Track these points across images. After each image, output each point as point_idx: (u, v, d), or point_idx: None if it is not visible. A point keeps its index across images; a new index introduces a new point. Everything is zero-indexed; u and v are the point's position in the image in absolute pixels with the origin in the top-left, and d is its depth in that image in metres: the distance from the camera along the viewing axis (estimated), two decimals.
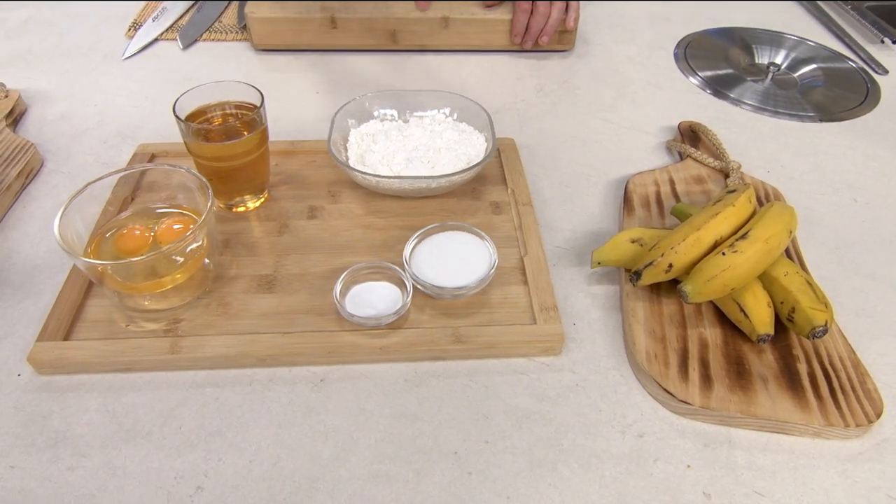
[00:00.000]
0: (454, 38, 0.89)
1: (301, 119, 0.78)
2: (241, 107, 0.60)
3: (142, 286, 0.51)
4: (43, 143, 0.73)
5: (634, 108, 0.83)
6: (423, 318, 0.53)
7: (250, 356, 0.50)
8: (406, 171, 0.61)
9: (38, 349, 0.49)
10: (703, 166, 0.70)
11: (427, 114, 0.69)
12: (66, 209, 0.49)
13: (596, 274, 0.60)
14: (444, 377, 0.50)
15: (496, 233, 0.60)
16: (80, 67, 0.87)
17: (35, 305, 0.55)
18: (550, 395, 0.50)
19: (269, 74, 0.87)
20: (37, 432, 0.46)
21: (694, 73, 0.90)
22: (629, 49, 0.96)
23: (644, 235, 0.57)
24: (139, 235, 0.53)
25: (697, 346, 0.52)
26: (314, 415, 0.47)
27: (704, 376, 0.49)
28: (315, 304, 0.54)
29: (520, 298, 0.55)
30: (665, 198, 0.66)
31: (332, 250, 0.59)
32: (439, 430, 0.47)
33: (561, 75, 0.89)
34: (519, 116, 0.80)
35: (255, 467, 0.44)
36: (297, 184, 0.66)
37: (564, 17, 0.87)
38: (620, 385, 0.51)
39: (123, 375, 0.50)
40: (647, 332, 0.52)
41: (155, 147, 0.70)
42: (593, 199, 0.68)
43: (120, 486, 0.43)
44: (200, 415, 0.47)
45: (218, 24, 0.97)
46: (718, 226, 0.52)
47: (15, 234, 0.62)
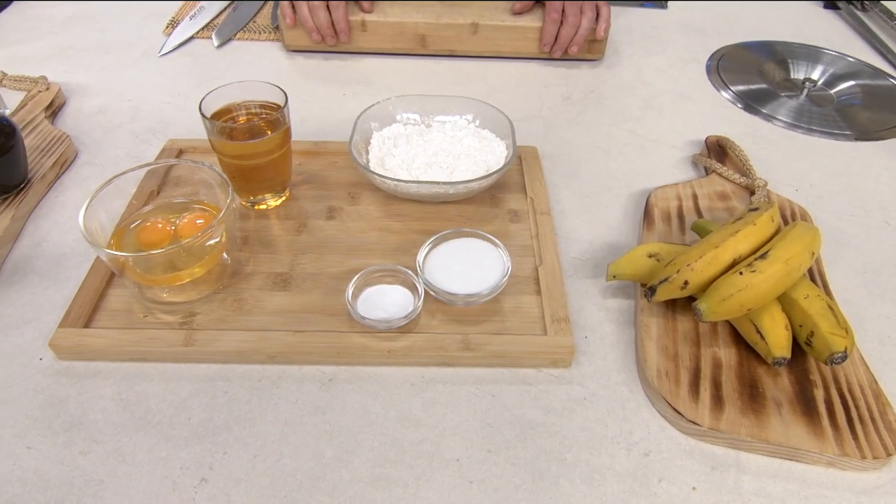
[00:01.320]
0: (483, 44, 0.89)
1: (327, 120, 0.79)
2: (266, 106, 0.62)
3: (161, 279, 0.52)
4: (78, 136, 0.75)
5: (662, 121, 0.82)
6: (433, 323, 0.53)
7: (261, 353, 0.50)
8: (425, 175, 0.61)
9: (60, 335, 0.51)
10: (729, 182, 0.69)
11: (449, 119, 0.69)
12: (91, 201, 0.51)
13: (611, 287, 0.59)
14: (450, 383, 0.50)
15: (512, 241, 0.60)
16: (119, 63, 0.90)
17: (60, 293, 0.56)
18: (557, 407, 0.49)
19: (299, 75, 0.88)
20: (54, 415, 0.47)
21: (726, 87, 0.89)
22: (660, 60, 0.95)
23: (661, 250, 0.56)
24: (161, 229, 0.55)
25: (710, 366, 0.51)
26: (320, 414, 0.48)
27: (716, 397, 0.48)
28: (328, 304, 0.54)
29: (532, 308, 0.55)
30: (687, 213, 0.65)
31: (348, 251, 0.59)
32: (443, 436, 0.47)
33: (589, 84, 0.88)
34: (544, 124, 0.80)
35: (259, 462, 0.45)
36: (319, 184, 0.67)
37: (594, 27, 0.87)
38: (629, 401, 0.50)
39: (138, 365, 0.51)
40: (659, 349, 0.52)
41: (183, 143, 0.72)
42: (613, 211, 0.67)
43: (128, 473, 0.44)
44: (209, 408, 0.48)
45: (252, 23, 0.99)
46: (738, 244, 0.51)
47: (45, 222, 0.64)
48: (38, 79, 0.81)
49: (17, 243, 0.61)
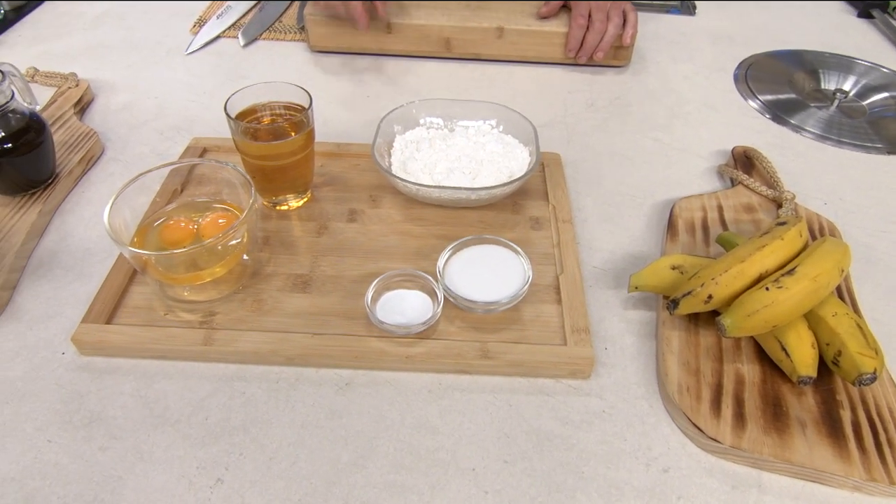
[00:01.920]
0: (508, 48, 0.89)
1: (350, 122, 0.79)
2: (290, 107, 0.62)
3: (182, 277, 0.53)
4: (105, 132, 0.76)
5: (687, 130, 0.81)
6: (451, 329, 0.53)
7: (279, 354, 0.51)
8: (447, 181, 0.61)
9: (82, 330, 0.51)
10: (755, 194, 0.68)
11: (472, 124, 0.69)
12: (116, 199, 0.51)
13: (632, 298, 0.58)
14: (467, 391, 0.50)
15: (533, 249, 0.60)
16: (146, 60, 0.91)
17: (83, 288, 0.57)
18: (575, 419, 0.49)
19: (323, 76, 0.88)
20: (74, 410, 0.48)
21: (754, 97, 0.87)
22: (687, 68, 0.93)
23: (685, 263, 0.55)
24: (183, 228, 0.55)
25: (733, 383, 0.50)
26: (336, 418, 0.48)
27: (738, 414, 0.47)
28: (347, 307, 0.54)
29: (552, 318, 0.54)
30: (712, 224, 0.64)
31: (368, 255, 0.59)
32: (459, 444, 0.47)
33: (614, 91, 0.87)
34: (567, 131, 0.79)
35: (275, 465, 0.45)
36: (341, 186, 0.67)
37: (621, 33, 0.86)
38: (649, 416, 0.49)
39: (158, 362, 0.51)
40: (680, 364, 0.51)
41: (207, 141, 0.72)
42: (636, 221, 0.66)
43: (146, 470, 0.44)
44: (227, 408, 0.48)
45: (278, 23, 1.00)
46: (764, 259, 0.50)
47: (71, 217, 0.65)
48: (68, 75, 0.82)
49: (44, 238, 0.62)
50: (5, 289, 0.55)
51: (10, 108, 0.59)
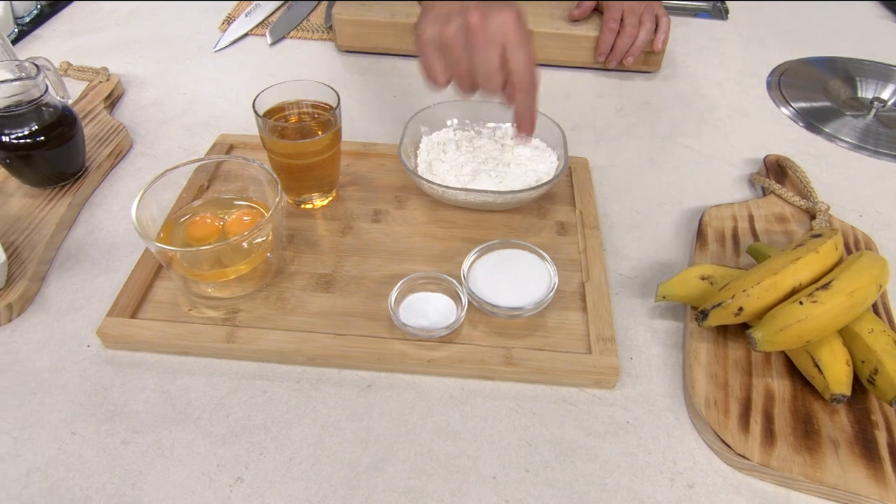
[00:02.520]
0: (536, 51, 0.88)
1: (376, 121, 0.79)
2: (318, 106, 0.62)
3: (207, 274, 0.53)
4: (134, 127, 0.77)
5: (718, 136, 0.79)
6: (475, 334, 0.52)
7: (302, 354, 0.50)
8: (473, 183, 0.60)
9: (107, 324, 0.51)
10: (788, 204, 0.66)
11: (500, 126, 0.68)
12: (144, 194, 0.52)
13: (659, 308, 0.57)
14: (490, 397, 0.49)
15: (559, 254, 0.59)
16: (176, 56, 0.91)
17: (109, 281, 0.57)
18: (599, 429, 0.48)
19: (350, 75, 0.88)
20: (98, 403, 0.48)
21: (787, 104, 0.85)
22: (718, 73, 0.92)
23: (715, 273, 0.54)
24: (209, 224, 0.55)
25: (762, 398, 0.48)
26: (357, 420, 0.47)
27: (767, 431, 0.46)
28: (369, 308, 0.54)
29: (577, 325, 0.53)
30: (742, 234, 0.62)
31: (391, 256, 0.59)
32: (480, 451, 0.46)
33: (643, 96, 0.86)
34: (595, 135, 0.78)
35: (295, 466, 0.45)
36: (366, 186, 0.67)
37: (653, 38, 0.84)
38: (674, 429, 0.48)
39: (181, 358, 0.51)
40: (708, 376, 0.50)
41: (234, 138, 0.73)
42: (665, 229, 0.65)
43: (166, 466, 0.44)
44: (248, 406, 0.48)
45: (306, 22, 1.00)
46: (798, 272, 0.49)
47: (99, 211, 0.65)
48: (100, 70, 0.83)
49: (72, 230, 0.63)
50: (34, 280, 0.56)
51: (44, 102, 0.60)
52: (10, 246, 0.58)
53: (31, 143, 0.59)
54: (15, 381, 0.49)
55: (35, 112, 0.59)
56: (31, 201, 0.63)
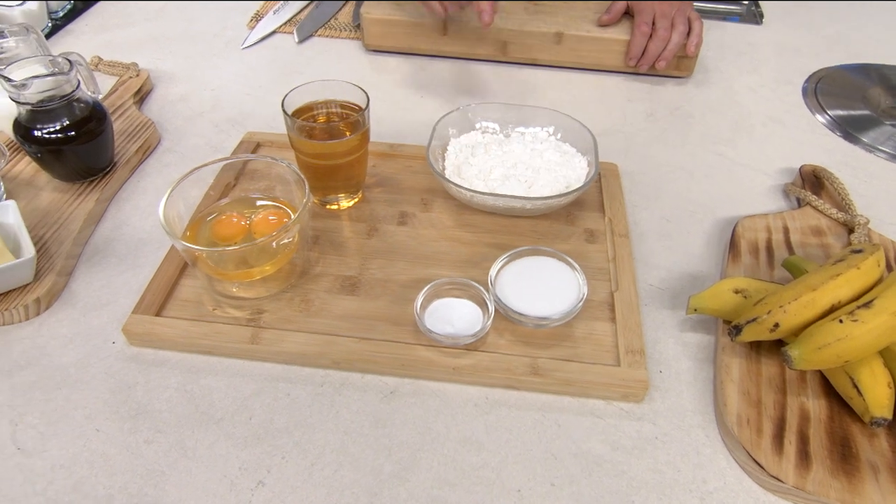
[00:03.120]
0: (566, 54, 0.87)
1: (403, 122, 0.78)
2: (347, 107, 0.61)
3: (232, 273, 0.53)
4: (162, 122, 0.77)
5: (752, 144, 0.77)
6: (501, 342, 0.51)
7: (325, 357, 0.50)
8: (502, 188, 0.59)
9: (132, 321, 0.51)
10: (825, 217, 0.64)
11: (529, 130, 0.67)
12: (172, 192, 0.51)
13: (690, 320, 0.56)
14: (515, 408, 0.49)
15: (587, 263, 0.58)
16: (204, 53, 0.92)
17: (136, 277, 0.58)
18: (626, 444, 0.47)
19: (377, 75, 0.88)
20: (122, 401, 0.48)
21: (823, 112, 0.83)
22: (752, 79, 0.90)
23: (749, 287, 0.52)
24: (235, 223, 0.55)
25: (797, 418, 0.47)
26: (381, 427, 0.47)
27: (802, 452, 0.45)
28: (394, 312, 0.53)
29: (605, 336, 0.52)
30: (776, 247, 0.61)
31: (417, 259, 0.58)
32: (504, 463, 0.45)
33: (675, 101, 0.84)
34: (625, 141, 0.77)
35: (317, 471, 0.44)
36: (392, 188, 0.66)
37: (685, 42, 0.83)
38: (704, 446, 0.47)
39: (204, 358, 0.51)
40: (740, 393, 0.48)
41: (261, 136, 0.72)
42: (696, 238, 0.64)
43: (188, 467, 0.44)
44: (271, 409, 0.48)
45: (333, 21, 1.00)
46: (838, 289, 0.47)
47: (127, 206, 0.65)
48: (130, 65, 0.83)
49: (100, 225, 0.63)
50: (62, 275, 0.56)
51: (76, 97, 0.60)
52: (39, 240, 0.58)
53: (62, 138, 0.60)
54: (42, 375, 0.50)
55: (67, 107, 0.60)
56: (60, 195, 0.63)
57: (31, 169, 0.66)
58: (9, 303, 0.53)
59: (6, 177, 0.65)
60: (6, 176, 0.65)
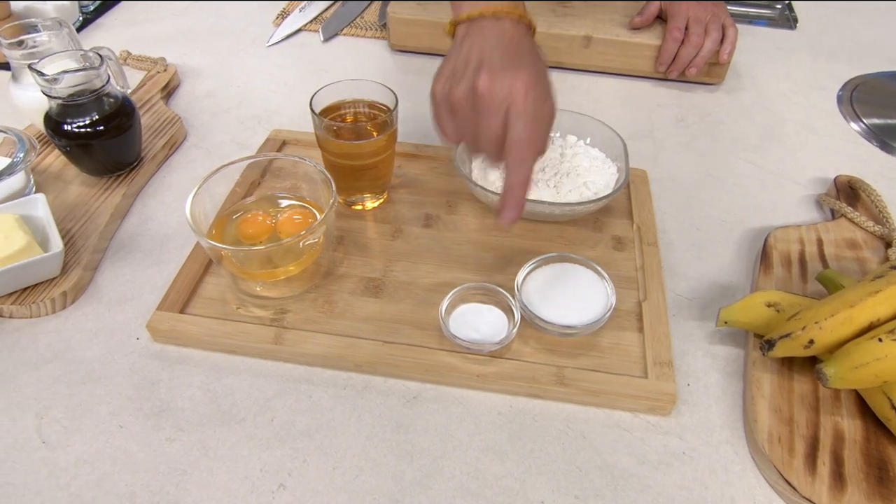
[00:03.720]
0: (594, 58, 0.86)
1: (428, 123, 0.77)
2: (375, 107, 0.61)
3: (256, 273, 0.53)
4: (188, 118, 0.78)
5: (784, 153, 0.76)
6: (525, 350, 0.51)
7: (348, 360, 0.49)
8: (530, 193, 0.58)
9: (157, 318, 0.51)
10: (860, 230, 0.62)
11: (557, 134, 0.66)
12: (199, 189, 0.51)
13: (719, 333, 0.54)
14: (539, 417, 0.48)
15: (615, 271, 0.57)
16: (230, 49, 0.92)
17: (160, 273, 0.58)
18: (653, 459, 0.46)
19: (403, 75, 0.87)
20: (145, 398, 0.48)
21: (858, 120, 0.81)
22: (785, 85, 0.88)
23: (783, 300, 0.51)
24: (261, 222, 0.55)
25: (831, 437, 0.46)
26: (403, 432, 0.46)
27: (836, 474, 0.43)
28: (418, 316, 0.53)
29: (633, 347, 0.51)
30: (810, 259, 0.59)
31: (442, 263, 0.58)
32: (528, 473, 0.44)
33: (705, 107, 0.83)
34: (654, 146, 0.75)
35: (338, 476, 0.44)
36: (417, 189, 0.66)
37: (718, 49, 0.81)
38: (733, 463, 0.46)
39: (227, 357, 0.51)
40: (771, 410, 0.47)
41: (286, 134, 0.72)
42: (726, 248, 0.62)
43: (210, 467, 0.44)
44: (293, 411, 0.47)
45: (359, 20, 0.99)
46: (877, 306, 0.46)
47: (153, 201, 0.66)
48: (158, 60, 0.83)
49: (126, 220, 0.63)
50: (88, 269, 0.56)
51: (105, 92, 0.60)
52: (66, 233, 0.58)
53: (91, 133, 0.60)
54: (67, 369, 0.50)
55: (97, 102, 0.60)
56: (87, 190, 0.63)
57: (60, 162, 0.66)
58: (36, 296, 0.53)
59: (36, 170, 0.65)
60: (36, 169, 0.65)
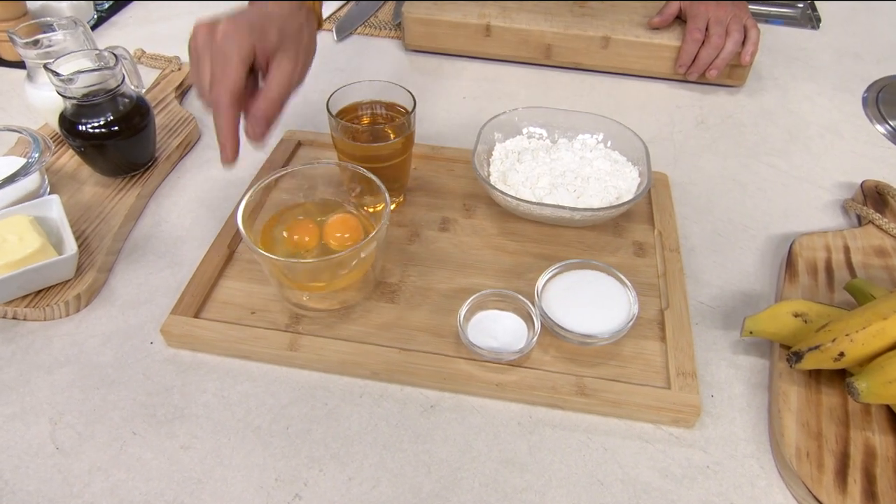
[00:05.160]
0: (612, 59, 0.84)
1: (444, 124, 0.77)
2: (392, 108, 0.60)
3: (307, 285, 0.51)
4: (202, 117, 0.76)
5: (808, 156, 0.74)
6: (545, 358, 0.49)
7: (364, 367, 0.49)
8: (549, 197, 0.57)
9: (171, 322, 0.51)
10: (889, 237, 0.61)
11: (578, 137, 0.65)
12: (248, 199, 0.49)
13: (743, 342, 0.53)
14: (560, 428, 0.47)
15: (636, 277, 0.55)
16: None
17: (174, 276, 0.57)
18: (676, 472, 0.45)
19: (418, 75, 0.86)
20: (159, 404, 0.47)
21: (884, 122, 0.79)
22: (808, 87, 0.86)
23: (810, 311, 0.50)
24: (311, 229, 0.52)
25: (861, 453, 0.44)
26: (420, 442, 0.45)
27: (868, 492, 0.42)
28: (435, 323, 0.52)
29: (655, 356, 0.50)
30: (837, 267, 0.58)
31: (459, 268, 0.57)
32: (548, 487, 0.43)
33: (726, 109, 0.81)
34: (674, 149, 0.74)
35: (355, 486, 0.43)
36: (433, 191, 0.65)
37: (740, 51, 0.79)
38: (759, 478, 0.45)
39: (241, 362, 0.50)
40: (799, 424, 0.46)
41: (301, 135, 0.71)
42: (749, 255, 0.61)
43: (225, 476, 0.43)
44: (309, 419, 0.47)
45: (374, 19, 0.98)
46: None
47: (166, 202, 0.65)
48: (172, 58, 0.83)
49: (139, 221, 0.63)
50: (102, 271, 0.56)
51: (120, 92, 0.60)
52: (80, 235, 0.58)
53: (105, 133, 0.59)
54: (80, 374, 0.49)
55: (111, 102, 0.59)
56: (102, 190, 0.63)
57: (75, 163, 0.66)
58: (50, 298, 0.52)
59: (50, 170, 0.65)
60: (50, 169, 0.65)
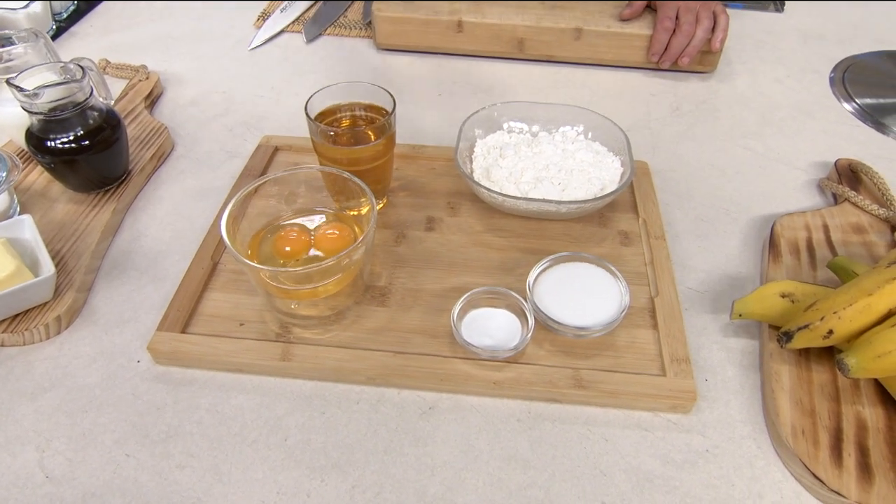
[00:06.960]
0: (585, 50, 0.84)
1: (421, 122, 0.76)
2: (371, 109, 0.59)
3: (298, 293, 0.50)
4: (174, 127, 0.75)
5: (782, 138, 0.75)
6: (540, 353, 0.49)
7: (359, 373, 0.48)
8: (534, 191, 0.57)
9: (158, 339, 0.50)
10: (865, 213, 0.62)
11: (559, 130, 0.65)
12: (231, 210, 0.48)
13: (732, 325, 0.54)
14: (559, 422, 0.47)
15: (624, 267, 0.56)
16: (212, 54, 0.89)
17: (157, 292, 0.56)
18: (677, 458, 0.45)
19: (391, 74, 0.86)
20: (151, 423, 0.46)
21: (852, 101, 0.81)
22: (777, 70, 0.87)
23: (797, 291, 0.50)
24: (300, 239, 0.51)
25: (854, 427, 0.45)
26: (421, 446, 0.45)
27: (863, 465, 0.43)
28: (428, 324, 0.51)
29: (648, 345, 0.50)
30: (817, 246, 0.59)
31: (448, 267, 0.56)
32: (552, 481, 0.43)
33: (699, 95, 0.82)
34: (652, 137, 0.75)
35: (358, 494, 0.42)
36: (416, 191, 0.64)
37: (710, 37, 0.80)
38: (757, 459, 0.45)
39: (234, 376, 0.49)
40: (793, 402, 0.46)
41: (278, 140, 0.70)
42: (732, 238, 0.62)
43: (224, 493, 0.42)
44: (306, 429, 0.46)
45: (343, 19, 0.97)
46: (895, 293, 0.45)
47: (144, 216, 0.63)
48: (139, 67, 0.81)
49: (117, 237, 0.61)
50: (81, 290, 0.54)
51: (89, 105, 0.58)
52: (56, 254, 0.56)
53: (76, 148, 0.58)
54: (66, 398, 0.48)
55: (80, 116, 0.58)
56: (75, 207, 0.61)
57: (44, 179, 0.64)
58: (29, 322, 0.51)
59: (19, 188, 0.62)
60: (19, 188, 0.63)
